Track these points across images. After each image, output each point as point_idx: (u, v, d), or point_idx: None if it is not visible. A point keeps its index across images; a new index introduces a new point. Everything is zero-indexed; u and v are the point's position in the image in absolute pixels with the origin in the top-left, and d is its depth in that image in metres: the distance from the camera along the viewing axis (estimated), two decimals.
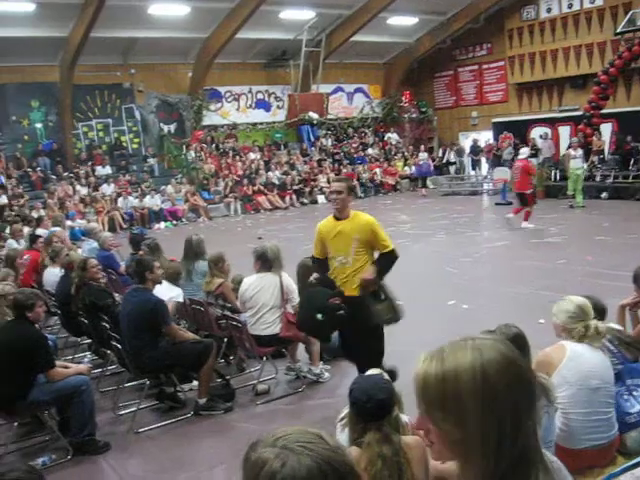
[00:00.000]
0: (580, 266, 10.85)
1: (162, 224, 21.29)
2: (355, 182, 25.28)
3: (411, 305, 9.50)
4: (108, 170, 23.31)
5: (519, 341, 3.51)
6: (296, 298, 6.57)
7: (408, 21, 27.57)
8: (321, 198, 24.85)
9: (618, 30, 21.19)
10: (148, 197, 21.84)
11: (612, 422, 3.82)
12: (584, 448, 3.71)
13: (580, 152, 18.64)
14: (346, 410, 3.27)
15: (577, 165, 18.19)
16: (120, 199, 21.65)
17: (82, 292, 6.97)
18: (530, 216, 15.24)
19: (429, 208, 20.76)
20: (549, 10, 25.67)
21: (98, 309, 6.75)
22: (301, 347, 6.96)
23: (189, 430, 5.91)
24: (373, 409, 3.04)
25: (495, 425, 1.37)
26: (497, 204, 20.40)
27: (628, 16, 20.99)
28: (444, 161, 28.95)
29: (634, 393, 4.06)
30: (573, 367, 3.74)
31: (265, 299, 6.51)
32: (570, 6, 24.89)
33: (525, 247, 13.32)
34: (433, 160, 28.84)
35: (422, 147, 28.01)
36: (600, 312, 4.36)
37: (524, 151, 16.34)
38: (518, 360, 1.43)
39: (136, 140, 25.26)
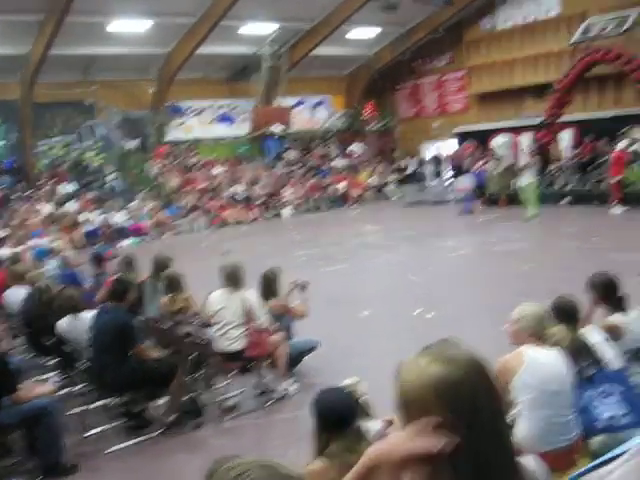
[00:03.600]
0: (545, 272, 11.01)
1: (127, 241, 21.10)
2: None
3: (377, 316, 9.63)
4: (71, 188, 23.10)
5: None
6: (261, 316, 6.60)
7: (368, 33, 27.87)
8: (286, 211, 24.89)
9: (573, 40, 21.57)
10: (111, 214, 21.64)
11: (572, 425, 3.89)
12: (547, 451, 3.77)
13: (533, 162, 18.87)
14: None
15: (529, 176, 18.22)
16: (81, 216, 21.43)
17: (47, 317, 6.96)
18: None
19: (394, 218, 20.90)
20: (506, 20, 26.14)
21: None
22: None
23: (159, 448, 5.89)
24: (335, 420, 3.08)
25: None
26: (461, 213, 20.55)
27: (583, 26, 21.38)
28: (408, 172, 29.09)
29: (609, 399, 4.09)
30: (533, 372, 3.81)
31: (229, 316, 6.54)
32: (526, 17, 25.39)
33: (489, 255, 13.48)
34: (397, 172, 29.09)
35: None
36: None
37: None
38: (452, 377, 1.44)
39: (98, 157, 25.07)
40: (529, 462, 1.60)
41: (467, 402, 1.42)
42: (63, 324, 6.73)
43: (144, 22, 22.21)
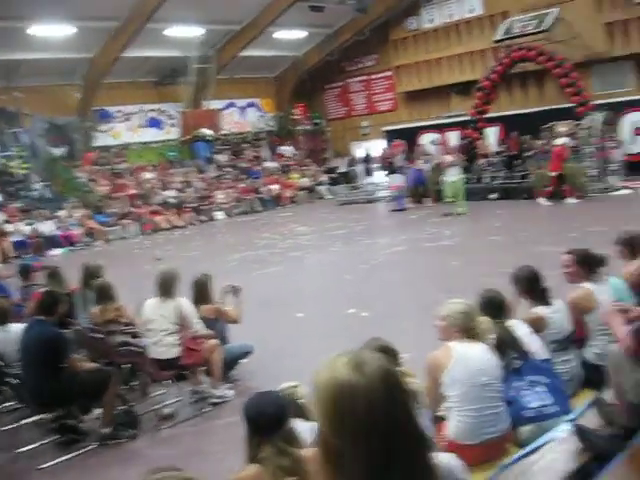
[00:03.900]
0: (475, 267, 11.21)
1: (58, 250, 20.61)
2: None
3: (311, 317, 9.67)
4: None
5: (388, 352, 3.77)
6: (196, 324, 6.58)
7: (296, 35, 27.97)
8: (219, 215, 24.75)
9: (496, 38, 22.07)
10: (40, 223, 21.14)
11: (502, 416, 4.01)
12: (479, 443, 3.88)
13: (460, 158, 19.16)
14: None
15: (455, 174, 18.45)
16: (10, 227, 20.86)
17: None
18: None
19: (326, 218, 20.98)
20: (431, 20, 26.60)
21: None
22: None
23: (94, 461, 5.78)
24: (264, 424, 3.10)
25: (323, 438, 1.50)
26: (393, 211, 20.80)
27: (504, 25, 21.91)
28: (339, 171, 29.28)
29: (536, 389, 4.22)
30: (462, 367, 3.92)
31: (163, 324, 6.50)
32: (451, 16, 25.90)
33: (421, 251, 13.69)
34: (329, 172, 29.27)
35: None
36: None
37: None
38: (355, 383, 1.49)
39: (24, 165, 24.39)
40: (444, 459, 1.65)
41: (363, 410, 1.46)
42: None
43: (67, 26, 21.74)
